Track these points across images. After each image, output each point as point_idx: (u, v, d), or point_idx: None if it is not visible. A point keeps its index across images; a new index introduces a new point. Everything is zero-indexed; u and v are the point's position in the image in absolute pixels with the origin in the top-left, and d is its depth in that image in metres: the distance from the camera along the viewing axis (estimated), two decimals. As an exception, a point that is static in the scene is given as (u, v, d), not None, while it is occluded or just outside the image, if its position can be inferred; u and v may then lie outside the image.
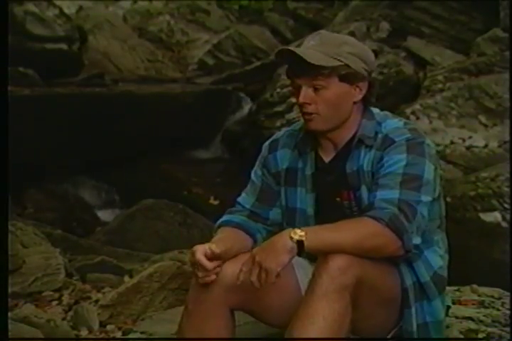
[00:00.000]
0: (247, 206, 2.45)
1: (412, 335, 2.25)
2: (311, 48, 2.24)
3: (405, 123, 2.30)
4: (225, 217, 2.46)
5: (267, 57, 9.05)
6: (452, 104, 6.81)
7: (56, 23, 9.19)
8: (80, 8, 10.01)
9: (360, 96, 2.28)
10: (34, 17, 9.02)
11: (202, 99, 8.09)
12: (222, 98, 8.20)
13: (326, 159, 2.33)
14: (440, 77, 7.15)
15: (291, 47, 2.23)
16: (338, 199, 2.30)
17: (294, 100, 7.62)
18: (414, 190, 2.16)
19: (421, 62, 7.80)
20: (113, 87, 8.34)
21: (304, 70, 2.22)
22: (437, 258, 2.30)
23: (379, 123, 2.30)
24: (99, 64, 9.40)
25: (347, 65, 2.22)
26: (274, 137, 2.48)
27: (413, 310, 2.25)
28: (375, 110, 2.35)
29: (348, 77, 2.23)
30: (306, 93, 2.24)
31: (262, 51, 9.46)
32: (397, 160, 2.20)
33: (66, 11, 9.61)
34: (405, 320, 2.26)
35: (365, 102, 2.32)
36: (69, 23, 9.40)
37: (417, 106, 6.85)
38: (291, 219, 2.39)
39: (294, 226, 2.26)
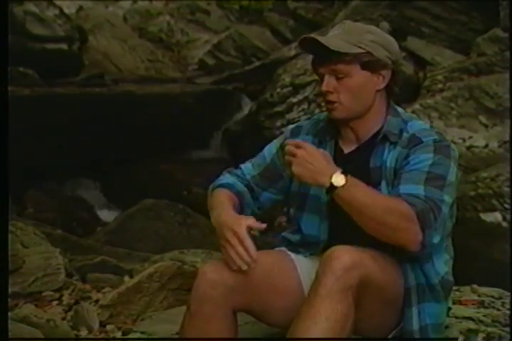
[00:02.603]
0: (248, 177, 2.44)
1: (412, 335, 2.25)
2: (334, 37, 2.25)
3: (431, 127, 2.32)
4: (226, 179, 2.45)
5: (267, 57, 9.06)
6: (452, 104, 6.81)
7: (56, 23, 9.20)
8: (80, 8, 10.02)
9: (382, 85, 2.28)
10: (34, 17, 9.03)
11: (202, 99, 8.09)
12: (222, 98, 8.21)
13: (346, 150, 2.33)
14: (440, 77, 7.15)
15: (315, 35, 2.24)
16: None
17: (294, 100, 7.65)
18: (438, 189, 2.15)
19: (421, 62, 7.80)
20: (113, 87, 8.35)
21: (326, 58, 2.23)
22: (444, 263, 2.29)
23: (405, 122, 2.30)
24: (99, 64, 9.40)
25: (369, 53, 2.23)
26: (298, 123, 2.48)
27: (414, 309, 2.25)
28: (400, 109, 2.36)
29: (370, 64, 2.23)
30: (328, 81, 2.25)
31: (262, 51, 9.47)
32: (424, 158, 2.20)
33: (66, 11, 9.62)
34: (406, 320, 2.26)
35: (389, 93, 2.32)
36: (69, 23, 9.40)
37: (417, 106, 6.85)
38: (302, 204, 2.38)
39: (302, 211, 2.31)
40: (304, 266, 2.35)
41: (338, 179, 2.09)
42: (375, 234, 2.11)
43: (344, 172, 2.11)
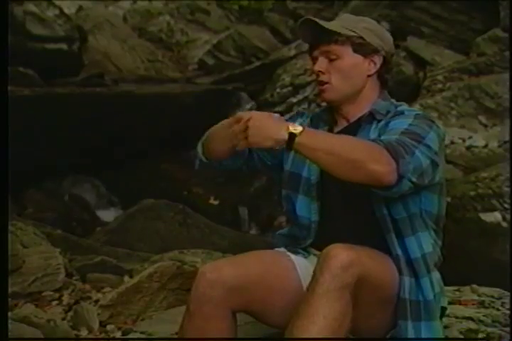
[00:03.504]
0: None
1: (405, 303, 2.24)
2: (330, 22, 2.35)
3: (419, 109, 2.36)
4: None
5: (266, 57, 9.06)
6: (452, 104, 6.81)
7: (56, 23, 9.19)
8: (80, 8, 10.02)
9: (373, 70, 2.34)
10: (34, 17, 9.02)
11: (202, 99, 8.09)
12: (222, 98, 8.20)
13: (335, 131, 2.37)
14: (440, 77, 7.15)
15: (312, 18, 2.31)
16: None
17: (294, 100, 7.66)
18: (413, 140, 2.14)
19: (421, 62, 7.80)
20: (113, 87, 8.34)
21: (320, 39, 2.31)
22: (429, 243, 2.29)
23: (395, 106, 2.35)
24: (99, 64, 9.40)
25: (362, 38, 2.31)
26: (300, 110, 2.54)
27: (406, 279, 2.25)
28: (393, 99, 2.40)
29: (362, 48, 2.31)
30: (321, 62, 2.33)
31: (262, 51, 9.46)
32: (402, 121, 2.23)
33: (66, 11, 9.61)
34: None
35: (381, 81, 2.37)
36: (69, 23, 9.39)
37: (417, 106, 6.84)
38: (295, 185, 2.40)
39: (297, 192, 2.33)
40: (303, 266, 2.35)
41: (295, 128, 2.09)
42: (349, 176, 2.08)
43: (297, 125, 2.12)
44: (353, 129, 2.33)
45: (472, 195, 5.61)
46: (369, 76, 2.34)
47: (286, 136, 2.08)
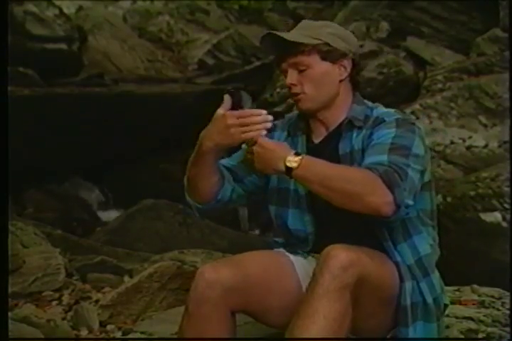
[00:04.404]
0: (229, 165, 2.43)
1: (406, 310, 2.24)
2: (292, 32, 2.34)
3: (395, 110, 2.34)
4: None
5: (266, 57, 9.05)
6: (452, 104, 6.80)
7: (56, 23, 9.19)
8: (80, 8, 10.02)
9: (345, 75, 2.33)
10: (34, 17, 9.02)
11: (202, 99, 8.08)
12: (222, 98, 8.18)
13: (316, 141, 2.37)
14: (440, 77, 7.14)
15: (273, 31, 2.31)
16: None
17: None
18: (403, 157, 2.16)
19: (421, 62, 7.79)
20: (113, 87, 8.34)
21: (286, 52, 2.30)
22: (426, 245, 2.30)
23: (370, 109, 2.34)
24: (99, 64, 9.40)
25: (327, 44, 2.29)
26: (274, 122, 2.51)
27: (408, 285, 2.25)
28: (367, 101, 2.39)
29: (330, 54, 2.30)
30: (291, 75, 2.32)
31: (262, 51, 9.45)
32: (387, 133, 2.23)
33: (66, 11, 9.61)
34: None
35: (353, 84, 2.37)
36: (69, 23, 9.40)
37: (417, 106, 6.84)
38: (283, 198, 2.40)
39: (287, 207, 2.34)
40: (302, 266, 2.35)
41: (292, 160, 2.13)
42: (347, 207, 2.12)
43: (298, 153, 2.15)
44: (335, 139, 2.32)
45: (472, 195, 5.60)
46: (341, 81, 2.33)
47: (284, 169, 2.14)
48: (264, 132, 2.20)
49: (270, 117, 2.21)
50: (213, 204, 2.41)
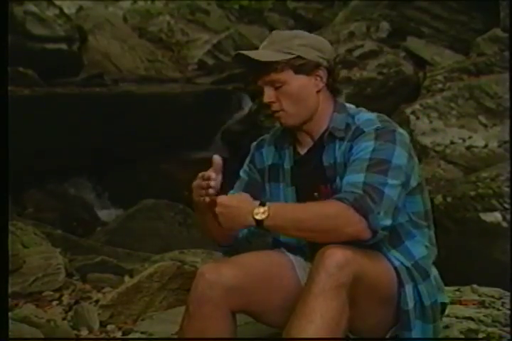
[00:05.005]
0: None
1: (408, 315, 2.24)
2: (263, 48, 2.30)
3: (378, 116, 2.31)
4: None
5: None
6: (452, 104, 6.80)
7: (56, 23, 9.19)
8: (80, 8, 10.02)
9: (321, 85, 2.30)
10: (34, 17, 9.02)
11: (202, 99, 8.09)
12: (222, 98, 8.20)
13: (302, 152, 2.37)
14: (440, 77, 7.15)
15: (243, 52, 2.27)
16: (316, 194, 2.31)
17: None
18: (381, 174, 2.15)
19: (421, 62, 7.80)
20: (113, 87, 8.35)
21: (259, 71, 2.28)
22: (421, 248, 2.29)
23: (352, 116, 2.32)
24: (99, 64, 9.40)
25: (299, 57, 2.26)
26: (262, 137, 2.52)
27: (408, 288, 2.24)
28: (350, 105, 2.37)
29: (303, 68, 2.27)
30: (268, 93, 2.30)
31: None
32: (365, 146, 2.22)
33: (66, 11, 9.61)
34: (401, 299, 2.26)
35: (332, 90, 2.35)
36: (69, 23, 9.40)
37: (417, 106, 6.84)
38: (278, 198, 2.40)
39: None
40: (302, 266, 2.36)
41: (259, 212, 2.13)
42: (329, 241, 2.12)
43: (263, 203, 2.14)
44: (319, 150, 2.31)
45: (472, 194, 5.60)
46: (318, 91, 2.30)
47: (254, 223, 2.14)
48: (212, 191, 2.23)
49: (213, 176, 2.26)
50: (235, 243, 2.45)
